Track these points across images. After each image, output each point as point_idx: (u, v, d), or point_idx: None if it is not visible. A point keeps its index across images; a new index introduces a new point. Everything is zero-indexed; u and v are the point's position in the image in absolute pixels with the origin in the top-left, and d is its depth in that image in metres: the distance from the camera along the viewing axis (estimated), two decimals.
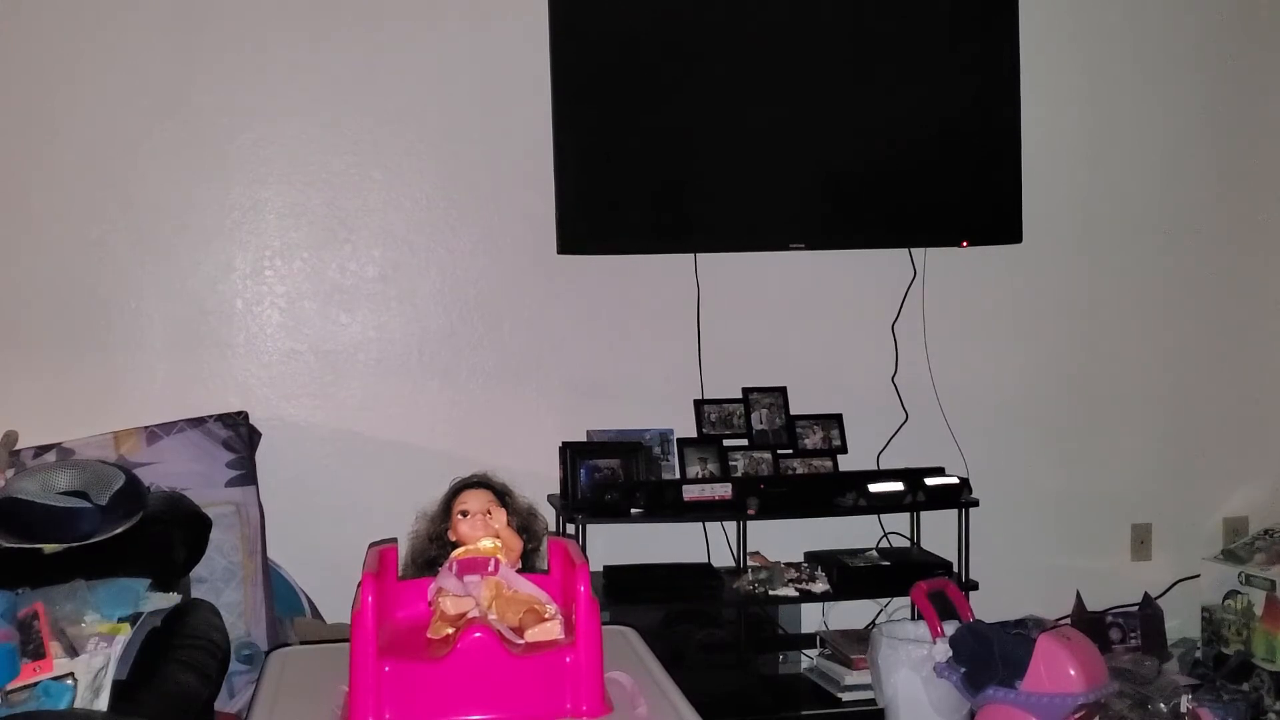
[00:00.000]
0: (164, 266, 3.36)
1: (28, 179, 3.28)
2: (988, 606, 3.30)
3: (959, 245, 3.56)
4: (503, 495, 1.80)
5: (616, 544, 3.40)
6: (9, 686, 2.09)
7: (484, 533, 1.75)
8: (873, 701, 3.23)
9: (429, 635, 1.68)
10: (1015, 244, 3.60)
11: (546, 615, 1.67)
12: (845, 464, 3.55)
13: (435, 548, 1.80)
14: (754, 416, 3.55)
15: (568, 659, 1.60)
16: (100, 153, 3.31)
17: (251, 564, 3.07)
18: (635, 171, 3.39)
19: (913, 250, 3.65)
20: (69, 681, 2.11)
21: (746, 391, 3.57)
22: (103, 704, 2.11)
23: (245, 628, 3.01)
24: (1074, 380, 3.84)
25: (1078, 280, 3.84)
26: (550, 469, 3.40)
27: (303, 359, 3.43)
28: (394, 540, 1.87)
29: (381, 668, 1.58)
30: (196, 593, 2.91)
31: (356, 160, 3.44)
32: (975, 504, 3.44)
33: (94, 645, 2.19)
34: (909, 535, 3.61)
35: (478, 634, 1.59)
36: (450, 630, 1.65)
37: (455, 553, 1.75)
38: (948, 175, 3.55)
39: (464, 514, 1.76)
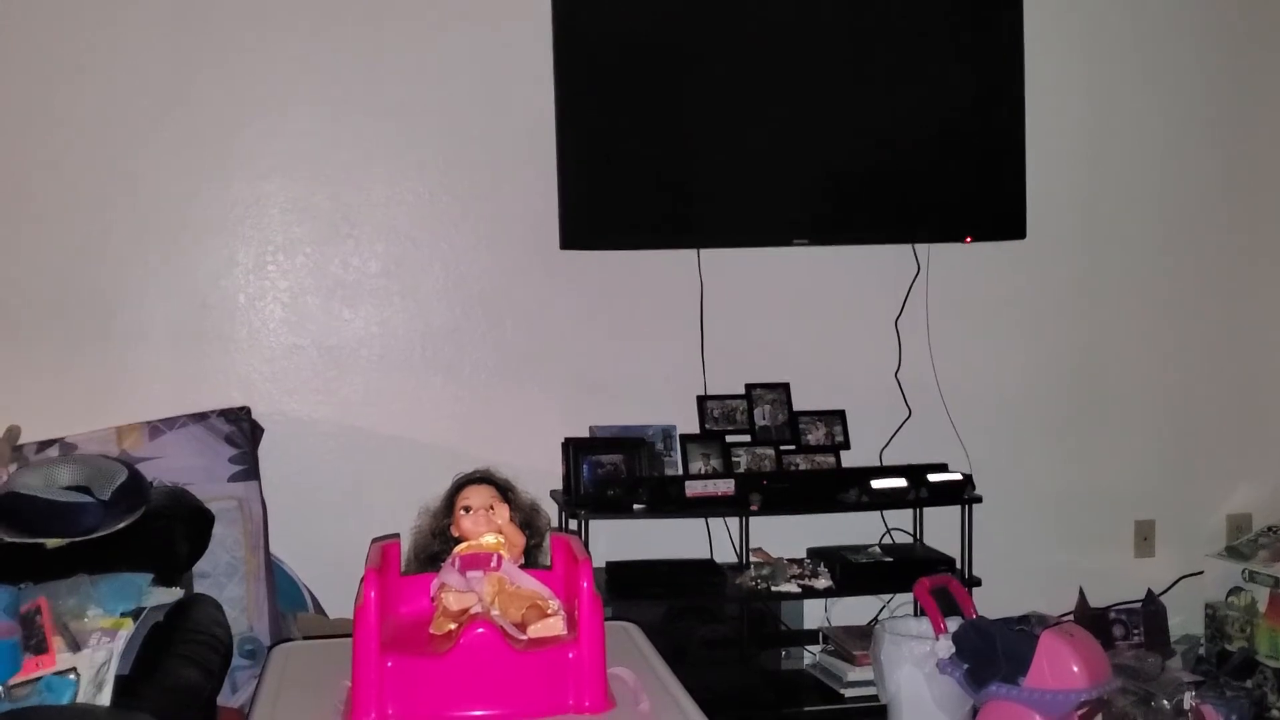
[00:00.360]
0: (166, 261, 3.35)
1: (30, 173, 3.28)
2: (990, 603, 3.28)
3: (963, 241, 3.55)
4: (505, 491, 1.81)
5: (619, 540, 3.40)
6: (11, 681, 2.09)
7: (487, 528, 1.75)
8: (875, 697, 3.23)
9: (432, 631, 1.68)
10: (1019, 240, 3.59)
11: (549, 611, 1.67)
12: (848, 460, 3.54)
13: (438, 543, 1.80)
14: (757, 412, 3.54)
15: (570, 655, 1.59)
16: (103, 147, 3.30)
17: (254, 559, 3.07)
18: (638, 167, 3.38)
19: (916, 246, 3.64)
20: (71, 676, 2.11)
21: (749, 387, 3.57)
22: (105, 699, 2.11)
23: (248, 623, 3.01)
24: (1077, 376, 3.83)
25: (1081, 276, 3.83)
26: (553, 464, 3.39)
27: (305, 354, 3.43)
28: (396, 536, 1.87)
29: (384, 663, 1.57)
30: (199, 588, 2.90)
31: (359, 155, 3.43)
32: (978, 500, 3.44)
33: (96, 640, 2.19)
34: (912, 531, 3.60)
35: (480, 630, 1.59)
36: (453, 626, 1.65)
37: (458, 548, 1.75)
38: (951, 171, 3.54)
39: (466, 509, 1.76)
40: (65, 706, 2.07)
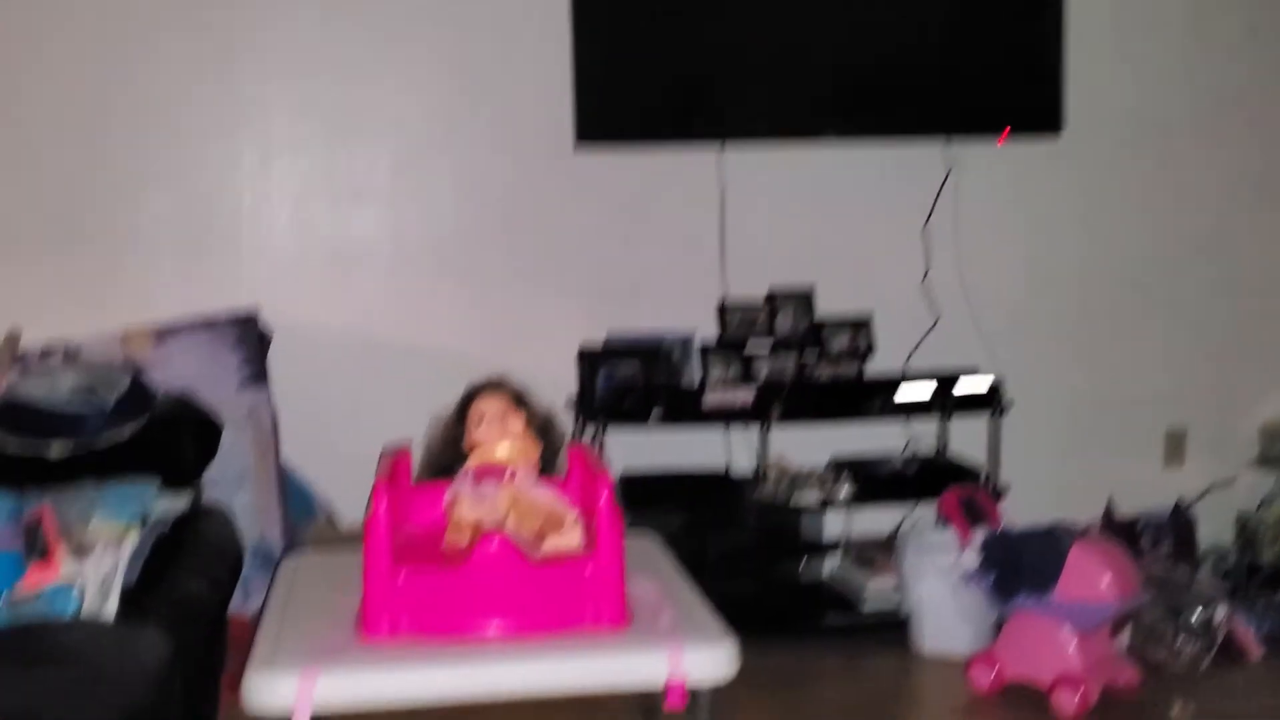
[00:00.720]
0: (169, 163, 3.26)
1: (30, 75, 3.18)
2: (1015, 511, 3.22)
3: (997, 133, 3.41)
4: (519, 398, 1.75)
5: (636, 449, 3.33)
6: (15, 594, 2.05)
7: (501, 437, 1.69)
8: (895, 609, 3.19)
9: (445, 543, 1.62)
10: (1054, 136, 3.45)
11: (566, 524, 1.61)
12: (873, 367, 3.45)
13: (450, 453, 1.75)
14: (778, 319, 3.44)
15: (588, 570, 1.53)
16: (104, 44, 3.20)
17: (264, 467, 3.02)
18: (657, 58, 3.25)
19: (945, 147, 3.50)
20: (75, 589, 2.07)
21: (771, 293, 3.46)
22: (111, 608, 2.08)
23: (259, 531, 2.96)
24: (1108, 282, 3.70)
25: (1112, 179, 3.68)
26: (569, 372, 3.31)
27: (313, 258, 3.34)
28: (409, 443, 1.81)
29: (396, 575, 1.52)
30: (209, 495, 2.85)
31: (367, 51, 3.30)
32: (1006, 409, 3.35)
33: (102, 548, 2.15)
34: (937, 439, 3.52)
35: (495, 542, 1.53)
36: (467, 538, 1.59)
37: (472, 457, 1.69)
38: (987, 60, 3.39)
39: (481, 418, 1.70)
40: (71, 622, 2.03)
